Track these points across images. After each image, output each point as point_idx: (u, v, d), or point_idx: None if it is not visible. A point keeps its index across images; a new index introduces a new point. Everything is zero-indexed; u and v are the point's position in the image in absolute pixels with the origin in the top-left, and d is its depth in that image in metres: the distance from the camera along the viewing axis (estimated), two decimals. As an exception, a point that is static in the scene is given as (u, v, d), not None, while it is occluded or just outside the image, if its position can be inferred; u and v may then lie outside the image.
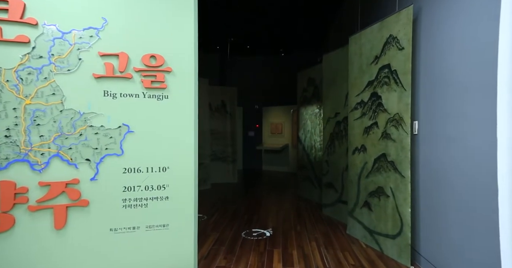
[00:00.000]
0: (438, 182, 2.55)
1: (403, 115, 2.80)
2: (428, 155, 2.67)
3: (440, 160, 2.52)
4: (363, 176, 3.40)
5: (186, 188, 2.46)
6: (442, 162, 2.51)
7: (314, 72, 5.50)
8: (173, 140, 2.41)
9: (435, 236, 2.56)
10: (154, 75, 2.34)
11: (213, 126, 7.23)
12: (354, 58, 3.57)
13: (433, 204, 2.60)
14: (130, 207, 2.30)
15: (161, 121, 2.37)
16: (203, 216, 4.41)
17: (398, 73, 2.87)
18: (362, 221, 3.42)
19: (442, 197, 2.49)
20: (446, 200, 2.45)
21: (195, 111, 2.50)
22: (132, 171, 2.31)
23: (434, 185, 2.59)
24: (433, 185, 2.60)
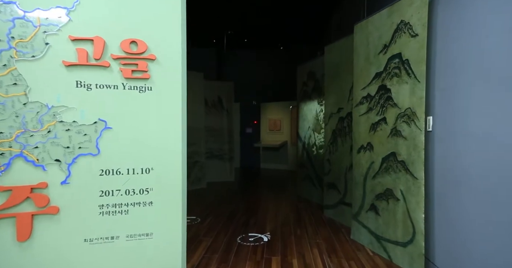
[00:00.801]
0: (457, 185, 2.27)
1: (416, 110, 2.52)
2: (444, 155, 2.39)
3: (460, 161, 2.25)
4: (370, 177, 3.12)
5: (172, 192, 2.18)
6: (462, 163, 2.23)
7: (315, 65, 5.20)
8: (157, 137, 2.12)
9: (453, 247, 2.29)
10: (135, 64, 2.05)
11: (209, 122, 6.93)
12: (360, 48, 3.28)
13: (450, 211, 2.32)
14: (108, 214, 2.02)
15: (143, 116, 2.08)
16: (196, 219, 4.13)
17: (410, 63, 2.58)
18: (368, 226, 3.14)
19: (462, 203, 2.22)
20: (467, 207, 2.17)
21: (183, 104, 2.21)
22: (110, 173, 2.02)
23: (452, 188, 2.31)
24: (451, 189, 2.32)
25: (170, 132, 2.16)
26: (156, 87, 2.12)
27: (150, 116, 2.10)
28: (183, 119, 2.22)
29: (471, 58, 2.14)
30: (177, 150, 2.19)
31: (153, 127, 2.11)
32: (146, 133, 2.09)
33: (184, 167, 2.24)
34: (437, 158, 2.45)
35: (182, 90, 2.21)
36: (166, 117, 2.15)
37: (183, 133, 2.23)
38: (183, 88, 2.22)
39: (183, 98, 2.22)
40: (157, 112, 2.11)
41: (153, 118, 2.11)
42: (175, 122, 2.18)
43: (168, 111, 2.15)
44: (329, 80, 4.33)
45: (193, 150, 6.21)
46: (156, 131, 2.12)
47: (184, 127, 2.25)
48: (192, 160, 6.18)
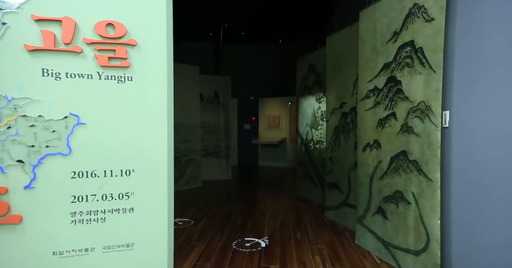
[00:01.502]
0: (478, 188, 2.02)
1: (431, 104, 2.25)
2: (463, 154, 2.13)
3: (481, 161, 1.99)
4: (376, 177, 2.87)
5: (157, 196, 1.91)
6: (483, 163, 1.97)
7: (316, 57, 4.93)
8: (139, 134, 1.84)
9: (473, 257, 2.04)
10: (113, 50, 1.77)
11: (204, 118, 6.65)
12: (366, 37, 3.01)
13: (470, 217, 2.07)
14: (82, 222, 1.75)
15: (123, 110, 1.80)
16: (190, 221, 3.87)
17: (424, 51, 2.31)
18: (374, 231, 2.89)
19: (483, 208, 1.97)
20: (489, 212, 1.92)
21: (169, 97, 1.94)
22: (84, 175, 1.75)
23: (472, 192, 2.06)
24: (471, 192, 2.07)
25: (154, 129, 1.89)
26: (137, 77, 1.84)
27: (131, 110, 1.83)
28: (169, 114, 1.95)
29: (497, 46, 1.88)
30: (163, 149, 1.92)
31: (134, 123, 1.84)
32: (126, 130, 1.82)
33: (171, 168, 1.97)
34: (455, 158, 2.19)
35: (168, 81, 1.93)
36: (149, 111, 1.87)
37: (169, 129, 1.96)
38: (169, 79, 1.94)
39: (169, 90, 1.94)
40: (138, 105, 1.84)
41: (134, 112, 1.83)
42: (160, 117, 1.91)
43: (152, 105, 1.88)
44: (331, 73, 4.06)
45: (188, 148, 5.94)
46: (137, 127, 1.84)
47: (171, 122, 1.98)
48: (186, 158, 5.92)
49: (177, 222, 3.80)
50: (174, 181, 5.77)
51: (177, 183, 5.76)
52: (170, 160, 1.96)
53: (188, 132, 5.92)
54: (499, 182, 1.87)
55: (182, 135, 5.83)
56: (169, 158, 1.95)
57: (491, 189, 1.94)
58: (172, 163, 1.99)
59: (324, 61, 4.39)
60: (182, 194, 5.42)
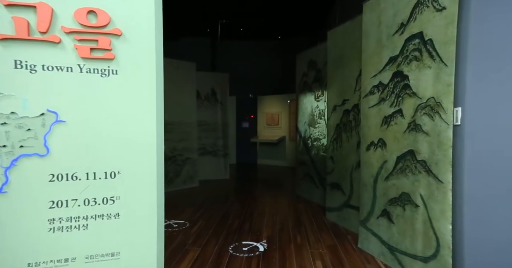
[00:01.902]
0: (494, 191, 1.86)
1: (442, 100, 2.09)
2: (478, 154, 1.98)
3: (498, 161, 1.84)
4: (381, 178, 2.71)
5: (145, 201, 1.76)
6: (500, 164, 1.82)
7: (316, 53, 4.76)
8: (126, 133, 1.69)
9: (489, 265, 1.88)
10: (95, 40, 1.61)
11: (202, 116, 6.48)
12: (370, 29, 2.84)
13: (486, 222, 1.92)
14: (61, 230, 1.59)
15: (107, 106, 1.64)
16: (185, 223, 3.71)
17: (435, 44, 2.15)
18: (379, 234, 2.74)
19: (502, 214, 1.81)
20: (509, 219, 1.76)
21: (158, 92, 1.78)
22: (64, 178, 1.59)
23: (488, 195, 1.90)
24: (487, 196, 1.91)
25: (142, 127, 1.73)
26: (123, 70, 1.69)
27: (116, 106, 1.67)
28: (159, 111, 1.80)
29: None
30: (151, 149, 1.76)
31: (120, 121, 1.68)
32: (111, 128, 1.66)
33: (161, 169, 1.82)
34: (468, 158, 2.04)
35: (157, 75, 1.78)
36: (136, 108, 1.72)
37: (159, 127, 1.81)
38: (158, 72, 1.79)
39: (158, 85, 1.79)
40: (124, 101, 1.68)
41: (120, 109, 1.68)
42: (149, 114, 1.75)
43: (140, 101, 1.72)
44: (332, 69, 3.90)
45: (184, 146, 5.78)
46: (123, 125, 1.69)
47: (161, 120, 1.83)
48: (183, 157, 5.75)
49: (171, 224, 3.64)
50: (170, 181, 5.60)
51: (173, 182, 5.60)
52: (160, 160, 1.80)
53: (184, 130, 5.75)
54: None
55: (178, 133, 5.66)
56: (159, 159, 1.79)
57: (509, 192, 1.78)
58: (162, 164, 1.84)
59: (325, 57, 4.23)
60: (178, 194, 5.26)
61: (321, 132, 4.72)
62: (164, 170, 5.57)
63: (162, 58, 1.84)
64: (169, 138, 5.47)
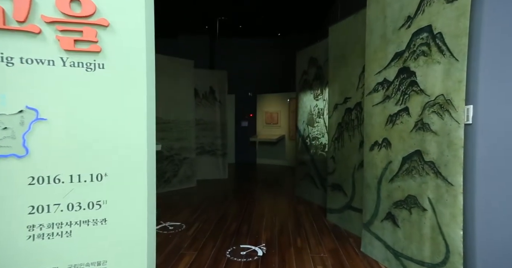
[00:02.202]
0: (509, 194, 1.74)
1: (452, 97, 1.97)
2: (491, 155, 1.85)
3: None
4: (386, 180, 2.59)
5: (135, 205, 1.63)
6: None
7: (317, 50, 4.63)
8: (113, 132, 1.56)
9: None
10: (79, 31, 1.47)
11: (200, 115, 6.36)
12: (374, 24, 2.71)
13: (500, 229, 1.79)
14: (42, 237, 1.46)
15: (93, 103, 1.51)
16: (181, 225, 3.58)
17: (444, 37, 2.02)
18: (383, 239, 2.61)
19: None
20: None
21: (149, 88, 1.65)
22: (45, 181, 1.46)
23: (502, 199, 1.78)
24: (501, 200, 1.79)
25: (131, 126, 1.60)
26: (110, 64, 1.55)
27: (102, 103, 1.54)
28: (150, 108, 1.67)
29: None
30: (141, 149, 1.63)
31: (107, 119, 1.55)
32: (97, 127, 1.53)
33: (152, 171, 1.69)
34: (480, 159, 1.91)
35: (147, 69, 1.64)
36: (125, 105, 1.58)
37: (150, 126, 1.67)
38: (149, 67, 1.65)
39: (149, 80, 1.65)
40: (112, 98, 1.55)
41: (107, 106, 1.55)
42: (138, 112, 1.62)
43: (128, 97, 1.59)
44: (334, 66, 3.77)
45: (182, 146, 5.65)
46: (111, 124, 1.56)
47: (151, 118, 1.70)
48: (180, 156, 5.62)
49: (167, 227, 3.51)
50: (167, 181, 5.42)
51: (171, 183, 5.48)
52: (151, 162, 1.67)
53: (181, 129, 5.63)
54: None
55: (175, 132, 5.53)
56: (150, 160, 1.66)
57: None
58: (154, 165, 1.71)
59: (326, 54, 4.11)
60: (175, 195, 5.13)
61: (320, 131, 4.62)
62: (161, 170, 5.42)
63: (154, 51, 1.71)
64: (166, 137, 5.35)
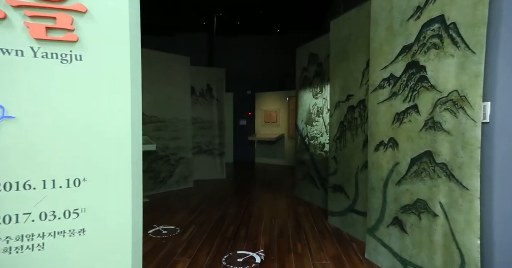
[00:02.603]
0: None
1: (468, 93, 1.80)
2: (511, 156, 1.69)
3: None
4: (392, 182, 2.42)
5: (118, 213, 1.46)
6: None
7: (318, 46, 4.46)
8: (93, 131, 1.38)
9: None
10: (52, 17, 1.30)
11: (196, 113, 6.19)
12: (380, 16, 2.54)
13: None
14: (9, 251, 1.29)
15: (69, 98, 1.34)
16: (175, 229, 3.41)
17: (459, 28, 1.85)
18: (389, 245, 2.45)
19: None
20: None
21: (133, 82, 1.48)
22: (13, 187, 1.29)
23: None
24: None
25: (112, 124, 1.43)
26: (89, 56, 1.38)
27: (80, 99, 1.37)
28: (135, 105, 1.49)
29: None
30: (124, 151, 1.46)
31: (85, 117, 1.38)
32: (74, 126, 1.36)
33: (137, 174, 1.52)
34: (498, 161, 1.75)
35: (131, 62, 1.47)
36: (105, 101, 1.41)
37: (135, 125, 1.50)
38: (133, 59, 1.48)
39: (133, 74, 1.48)
40: (90, 93, 1.38)
41: (85, 102, 1.37)
42: (121, 108, 1.45)
43: (110, 93, 1.42)
44: (335, 62, 3.60)
45: (178, 145, 5.47)
46: (89, 122, 1.38)
47: (137, 116, 1.53)
48: (176, 156, 5.45)
49: (161, 231, 3.34)
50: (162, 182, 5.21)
51: (166, 183, 5.31)
52: (137, 164, 1.50)
53: (177, 128, 5.45)
54: None
55: (170, 131, 5.36)
56: (135, 162, 1.49)
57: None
58: (140, 168, 1.54)
59: (327, 49, 3.93)
60: (170, 196, 4.96)
61: (319, 131, 4.48)
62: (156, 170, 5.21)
63: (139, 42, 1.55)
64: (161, 136, 5.18)
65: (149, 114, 5.00)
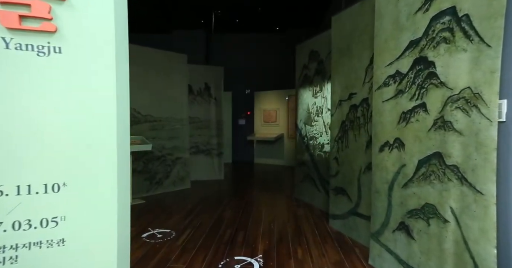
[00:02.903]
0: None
1: (482, 90, 1.67)
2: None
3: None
4: (398, 185, 2.29)
5: (102, 221, 1.33)
6: None
7: (318, 42, 4.32)
8: (73, 131, 1.25)
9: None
10: (26, 4, 1.17)
11: (194, 113, 6.05)
12: (385, 9, 2.41)
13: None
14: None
15: (47, 95, 1.21)
16: (171, 232, 3.28)
17: (472, 20, 1.72)
18: (395, 252, 2.32)
19: None
20: None
21: (119, 77, 1.35)
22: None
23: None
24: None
25: (96, 124, 1.30)
26: (69, 48, 1.25)
27: (59, 96, 1.24)
28: (121, 102, 1.37)
29: None
30: (110, 152, 1.33)
31: (65, 115, 1.25)
32: (52, 125, 1.23)
33: (124, 178, 1.40)
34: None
35: (117, 54, 1.34)
36: (88, 98, 1.28)
37: (121, 124, 1.38)
38: (119, 51, 1.35)
39: (119, 68, 1.35)
40: (71, 89, 1.25)
41: (64, 99, 1.24)
42: (105, 106, 1.32)
43: (92, 88, 1.29)
44: (337, 59, 3.47)
45: (175, 145, 5.34)
46: (69, 121, 1.25)
47: (124, 114, 1.40)
48: (172, 156, 5.31)
49: (155, 234, 3.21)
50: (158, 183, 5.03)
51: (162, 184, 5.17)
52: (123, 166, 1.37)
53: (174, 127, 5.31)
54: None
55: (167, 131, 5.22)
56: (121, 165, 1.36)
57: None
58: (127, 171, 1.41)
59: (328, 46, 3.80)
60: (166, 198, 4.83)
61: (318, 131, 4.37)
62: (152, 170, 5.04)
63: (127, 35, 1.42)
64: (157, 136, 5.05)
65: (144, 113, 4.87)
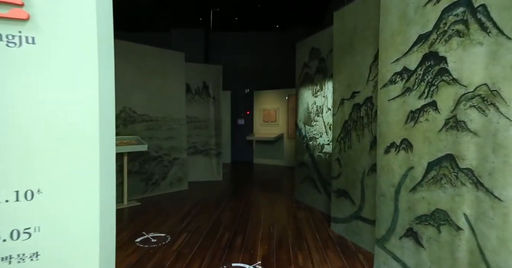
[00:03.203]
0: None
1: (501, 87, 1.54)
2: (554, 162, 1.42)
3: None
4: (406, 189, 2.16)
5: (82, 231, 1.19)
6: None
7: (320, 40, 4.19)
8: (49, 131, 1.12)
9: None
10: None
11: (192, 112, 5.92)
12: (391, 3, 2.27)
13: None
14: None
15: (18, 90, 1.08)
16: (166, 237, 3.14)
17: (490, 10, 1.59)
18: (402, 259, 2.19)
19: None
20: None
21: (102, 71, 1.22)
22: None
23: None
24: None
25: (75, 122, 1.17)
26: (43, 38, 1.12)
27: (33, 91, 1.10)
28: (104, 98, 1.24)
29: None
30: (91, 154, 1.19)
31: (39, 113, 1.11)
32: (24, 124, 1.10)
33: (109, 182, 1.27)
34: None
35: (99, 45, 1.21)
36: (66, 93, 1.15)
37: (105, 123, 1.24)
38: (102, 44, 1.22)
39: (102, 60, 1.22)
40: (46, 84, 1.12)
41: (39, 95, 1.11)
42: (86, 102, 1.18)
43: (71, 83, 1.16)
44: (339, 57, 3.33)
45: (172, 145, 5.20)
46: (45, 120, 1.12)
47: (108, 112, 1.27)
48: (170, 157, 5.18)
49: (150, 239, 3.08)
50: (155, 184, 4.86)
51: (159, 186, 5.03)
52: (107, 170, 1.24)
53: (171, 127, 5.18)
54: None
55: (164, 131, 5.08)
56: (105, 168, 1.22)
57: None
58: (113, 174, 1.28)
59: (329, 43, 3.67)
60: (163, 199, 4.69)
61: (318, 131, 4.25)
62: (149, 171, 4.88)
63: (111, 24, 1.29)
64: (154, 136, 4.91)
65: (140, 113, 4.73)
